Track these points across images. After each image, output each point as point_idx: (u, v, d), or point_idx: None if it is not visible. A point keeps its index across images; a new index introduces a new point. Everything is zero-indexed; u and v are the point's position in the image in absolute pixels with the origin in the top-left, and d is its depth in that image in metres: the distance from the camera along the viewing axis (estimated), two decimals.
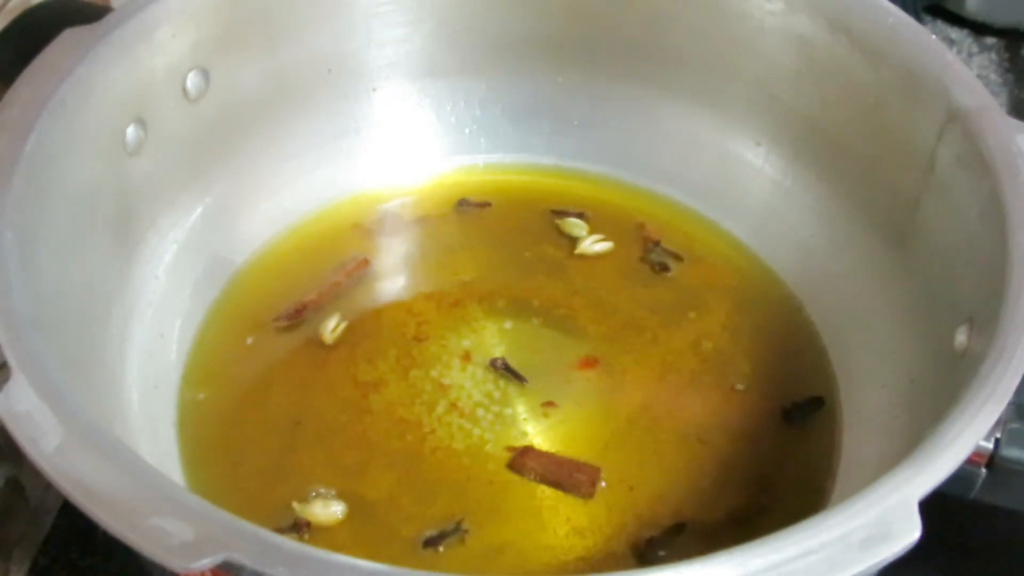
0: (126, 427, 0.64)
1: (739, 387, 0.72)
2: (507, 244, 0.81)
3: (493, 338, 0.74)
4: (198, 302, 0.75)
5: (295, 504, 0.64)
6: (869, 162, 0.72)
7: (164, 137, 0.71)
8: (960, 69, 0.66)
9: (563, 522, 0.65)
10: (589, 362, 0.73)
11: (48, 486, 0.46)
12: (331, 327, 0.74)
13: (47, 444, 0.47)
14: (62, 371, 0.52)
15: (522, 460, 0.66)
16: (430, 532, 0.64)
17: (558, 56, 0.83)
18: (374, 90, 0.84)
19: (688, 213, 0.82)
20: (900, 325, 0.68)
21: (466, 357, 0.73)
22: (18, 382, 0.49)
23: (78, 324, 0.62)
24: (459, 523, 0.64)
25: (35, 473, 0.47)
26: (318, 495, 0.65)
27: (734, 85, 0.79)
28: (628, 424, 0.70)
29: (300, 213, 0.82)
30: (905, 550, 0.45)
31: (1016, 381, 0.51)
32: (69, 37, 0.65)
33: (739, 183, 0.81)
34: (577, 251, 0.80)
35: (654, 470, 0.68)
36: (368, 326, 0.75)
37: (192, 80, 0.72)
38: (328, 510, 0.64)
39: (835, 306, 0.75)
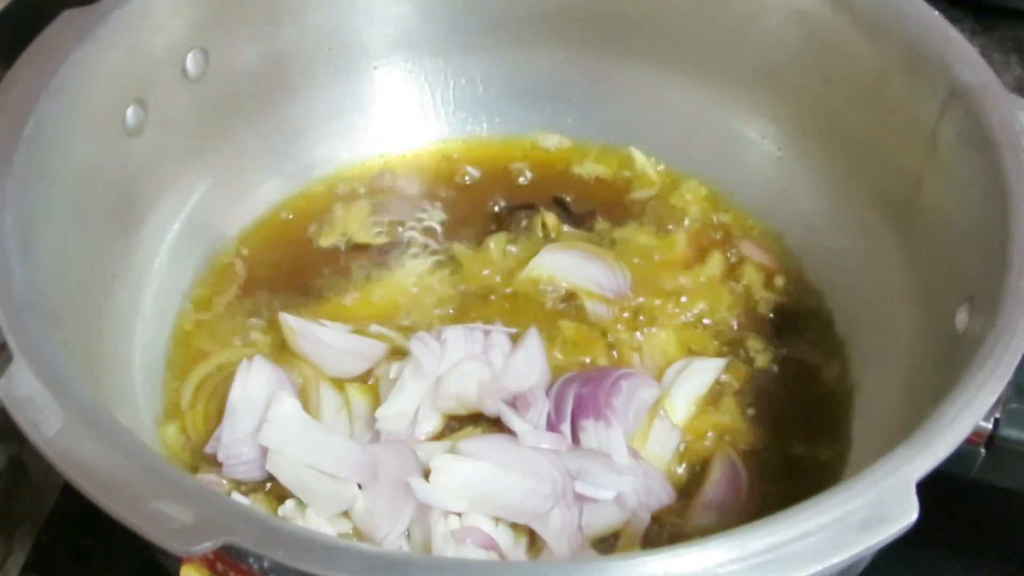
0: (130, 407, 0.65)
1: (747, 355, 0.73)
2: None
3: None
4: (202, 280, 0.76)
5: None
6: (871, 139, 0.72)
7: (164, 117, 0.71)
8: (963, 46, 0.66)
9: None
10: None
11: (51, 467, 0.47)
12: None
13: (49, 428, 0.47)
14: (63, 354, 0.52)
15: None
16: None
17: (558, 34, 0.83)
18: (375, 68, 0.84)
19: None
20: (902, 302, 0.68)
21: None
22: (19, 366, 0.50)
23: (80, 307, 0.62)
24: None
25: (38, 453, 0.47)
26: None
27: (735, 61, 0.78)
28: None
29: (301, 189, 0.82)
30: (903, 531, 0.45)
31: (1015, 361, 0.52)
32: (68, 18, 0.66)
33: (740, 159, 0.81)
34: None
35: None
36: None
37: (192, 60, 0.72)
38: None
39: (838, 281, 0.75)
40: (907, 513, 0.45)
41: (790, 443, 0.68)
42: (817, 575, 0.44)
